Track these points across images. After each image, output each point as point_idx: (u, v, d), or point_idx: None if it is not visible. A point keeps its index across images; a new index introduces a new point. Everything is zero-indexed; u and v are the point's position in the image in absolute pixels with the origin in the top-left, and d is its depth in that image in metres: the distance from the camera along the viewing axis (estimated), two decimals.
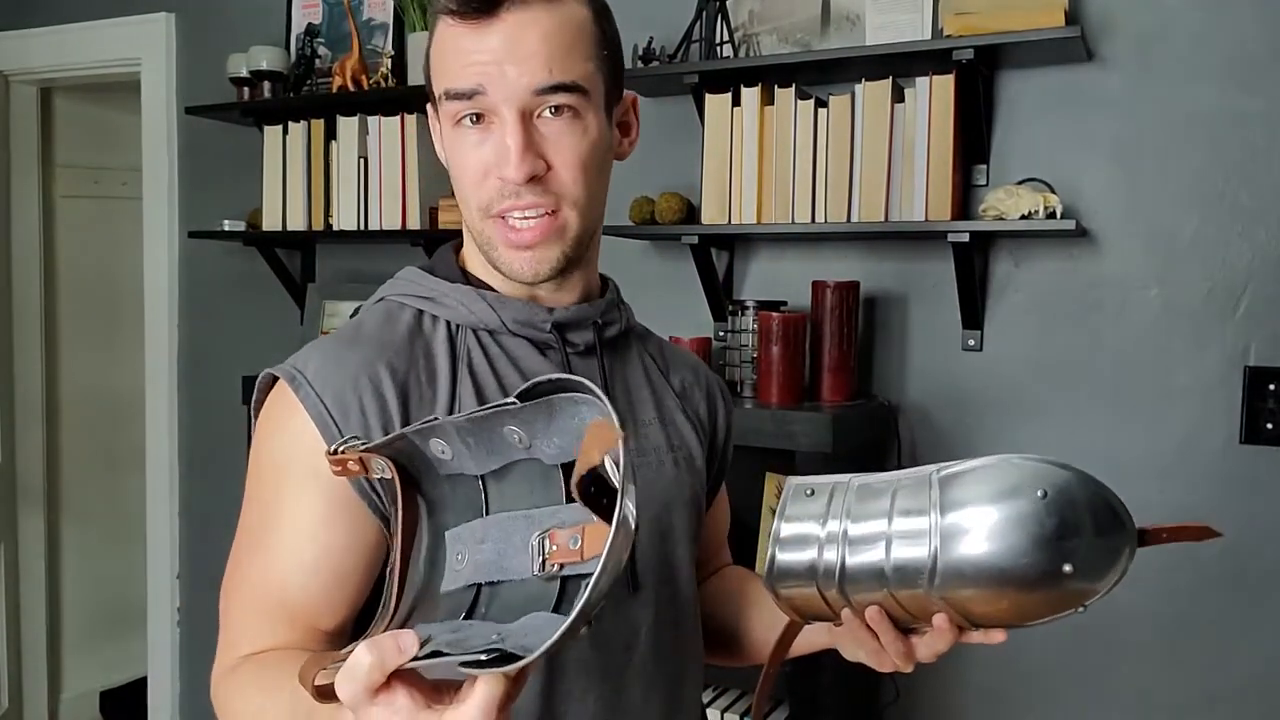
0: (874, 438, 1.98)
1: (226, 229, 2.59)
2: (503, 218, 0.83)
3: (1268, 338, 1.76)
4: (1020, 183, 1.86)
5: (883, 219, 1.88)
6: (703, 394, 1.06)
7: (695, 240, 2.03)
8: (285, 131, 2.50)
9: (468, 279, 0.91)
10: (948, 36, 1.80)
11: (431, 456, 0.69)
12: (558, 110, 0.82)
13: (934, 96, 1.82)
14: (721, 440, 1.08)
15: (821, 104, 1.93)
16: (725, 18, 2.03)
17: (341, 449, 0.68)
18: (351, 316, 0.93)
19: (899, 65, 1.88)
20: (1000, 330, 1.95)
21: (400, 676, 0.55)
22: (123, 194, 3.49)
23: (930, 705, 2.04)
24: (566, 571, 0.62)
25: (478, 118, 0.82)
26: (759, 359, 1.91)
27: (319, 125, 2.46)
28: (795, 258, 2.13)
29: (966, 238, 1.79)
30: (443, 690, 0.56)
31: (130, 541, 3.41)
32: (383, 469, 0.68)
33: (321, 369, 0.82)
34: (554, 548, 0.62)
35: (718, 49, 2.04)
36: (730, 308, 2.02)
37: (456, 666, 0.53)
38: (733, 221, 2.00)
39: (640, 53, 2.07)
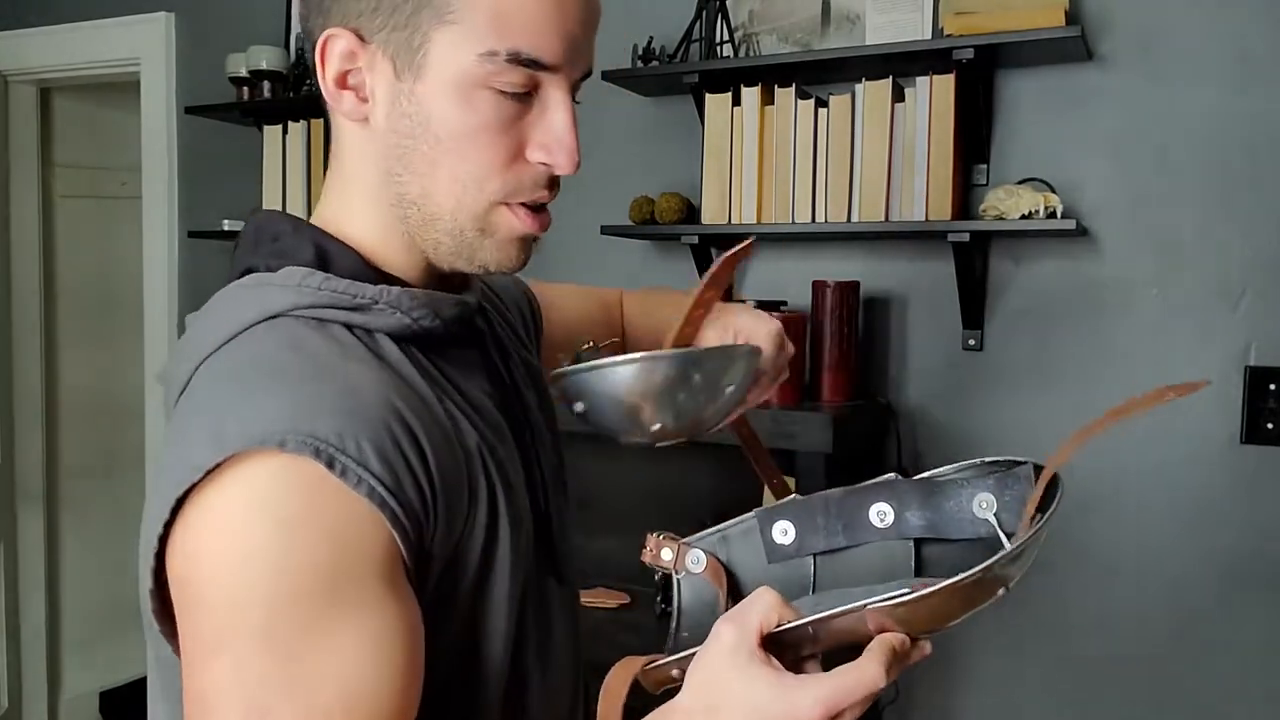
0: (874, 438, 1.98)
1: (226, 229, 2.59)
2: (518, 205, 0.70)
3: (1268, 338, 1.76)
4: (1020, 182, 1.86)
5: (883, 219, 1.88)
6: (519, 309, 0.95)
7: (695, 240, 2.03)
8: (285, 131, 2.50)
9: (377, 274, 0.71)
10: (948, 36, 1.80)
11: (766, 541, 0.72)
12: (573, 96, 0.71)
13: (934, 96, 1.82)
14: (535, 314, 0.99)
15: (821, 104, 1.93)
16: (725, 17, 2.03)
17: (660, 536, 0.72)
18: (218, 351, 0.66)
19: (899, 65, 1.88)
20: (1000, 330, 1.95)
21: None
22: (122, 194, 3.48)
23: (930, 705, 2.04)
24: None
25: (527, 93, 0.67)
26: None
27: (319, 125, 2.46)
28: (795, 258, 2.12)
29: (967, 237, 1.79)
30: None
31: (130, 542, 3.41)
32: (700, 563, 0.72)
33: (337, 421, 0.59)
34: (914, 583, 0.63)
35: (718, 49, 2.03)
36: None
37: (870, 603, 0.59)
38: (733, 221, 2.00)
39: (640, 53, 2.07)
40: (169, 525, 0.59)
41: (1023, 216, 1.75)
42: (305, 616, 0.56)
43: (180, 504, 0.58)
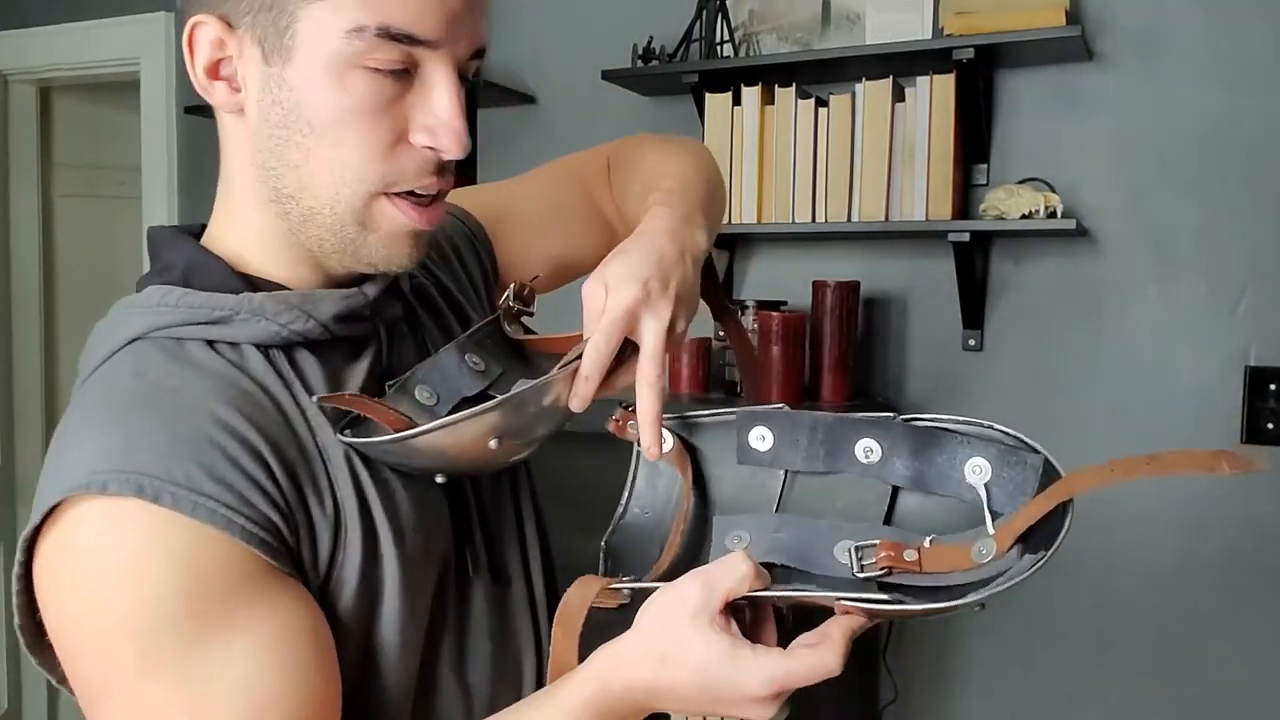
0: None
1: None
2: (402, 195, 0.65)
3: (1268, 338, 1.76)
4: (1020, 182, 1.86)
5: (883, 218, 1.88)
6: (470, 252, 0.88)
7: None
8: None
9: (248, 282, 0.68)
10: (948, 36, 1.80)
11: (741, 441, 0.70)
12: (465, 76, 0.66)
13: (934, 96, 1.82)
14: (493, 267, 0.90)
15: (822, 103, 1.93)
16: (725, 17, 2.03)
17: (630, 408, 0.69)
18: (86, 381, 0.65)
19: (899, 65, 1.88)
20: (1000, 330, 1.95)
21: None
22: (122, 193, 3.48)
23: (929, 705, 2.04)
24: (894, 579, 0.62)
25: (404, 71, 0.62)
26: (759, 359, 1.91)
27: None
28: (795, 257, 2.12)
29: (967, 237, 1.79)
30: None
31: None
32: (667, 443, 0.69)
33: (159, 452, 0.57)
34: (882, 554, 0.61)
35: (718, 48, 2.03)
36: (730, 307, 2.02)
37: (840, 597, 0.58)
38: (733, 221, 2.00)
39: (640, 52, 2.07)
40: (27, 565, 0.60)
41: (1023, 216, 1.75)
42: (181, 642, 0.56)
43: (35, 541, 0.60)
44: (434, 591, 0.71)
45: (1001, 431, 0.64)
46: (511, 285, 0.77)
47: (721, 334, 2.14)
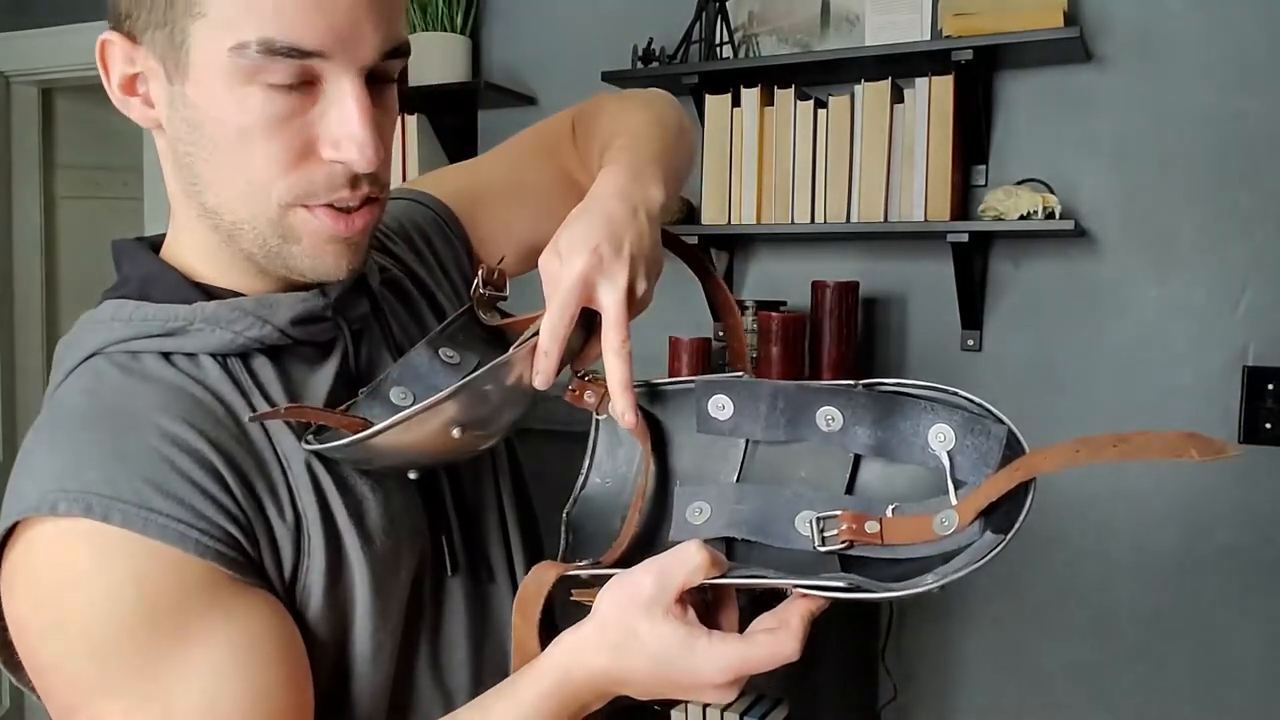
0: None
1: None
2: (320, 206, 0.63)
3: (1268, 338, 1.77)
4: (1019, 183, 1.86)
5: (882, 219, 1.88)
6: (441, 239, 0.86)
7: (695, 240, 2.04)
8: None
9: (204, 291, 0.67)
10: (947, 37, 1.80)
11: (700, 410, 0.69)
12: (384, 78, 0.64)
13: (933, 97, 1.82)
14: (467, 251, 0.89)
15: (821, 104, 1.94)
16: (725, 18, 2.03)
17: (586, 377, 0.68)
18: (50, 400, 0.65)
19: (898, 66, 1.88)
20: (999, 330, 1.96)
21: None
22: (124, 194, 3.49)
23: (929, 705, 2.04)
24: (855, 551, 0.61)
25: (304, 84, 0.59)
26: (759, 359, 1.92)
27: None
28: (795, 258, 2.13)
29: (966, 238, 1.79)
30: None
31: None
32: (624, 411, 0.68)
33: (107, 470, 0.57)
34: (844, 526, 0.61)
35: (717, 49, 2.04)
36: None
37: (803, 589, 0.57)
38: (732, 221, 2.00)
39: (640, 53, 2.07)
40: None
41: (1021, 217, 1.75)
42: (139, 660, 0.56)
43: None
44: (410, 593, 0.70)
45: (965, 398, 0.63)
46: (480, 270, 0.75)
47: (721, 334, 2.15)
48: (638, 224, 0.69)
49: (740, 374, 0.70)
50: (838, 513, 0.62)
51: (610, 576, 0.60)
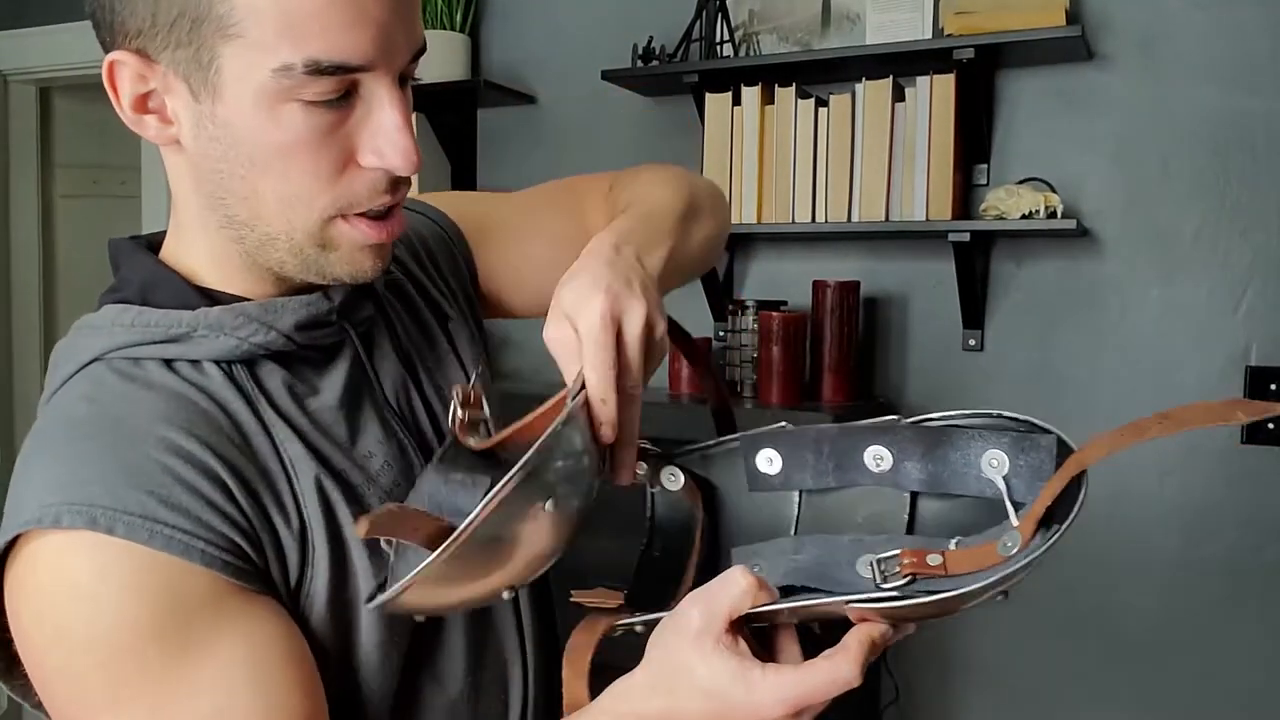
0: None
1: None
2: (357, 216, 0.63)
3: (1268, 338, 1.76)
4: (1021, 182, 1.86)
5: (883, 218, 1.88)
6: (444, 253, 0.85)
7: None
8: None
9: (206, 296, 0.66)
10: (948, 36, 1.80)
11: (750, 468, 0.67)
12: (407, 79, 0.63)
13: (934, 96, 1.82)
14: (471, 273, 0.88)
15: (822, 103, 1.93)
16: (725, 17, 2.03)
17: (651, 453, 0.65)
18: (47, 406, 0.65)
19: (899, 65, 1.88)
20: (1001, 330, 1.95)
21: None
22: (122, 193, 3.48)
23: (930, 705, 2.04)
24: (917, 586, 0.58)
25: (343, 96, 0.59)
26: (759, 359, 1.91)
27: None
28: (795, 257, 2.12)
29: (967, 237, 1.79)
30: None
31: None
32: (677, 480, 0.66)
33: (109, 482, 0.56)
34: (906, 562, 0.58)
35: (718, 48, 2.03)
36: (730, 307, 2.02)
37: (846, 602, 0.54)
38: (733, 221, 2.00)
39: (640, 52, 2.07)
40: None
41: (1023, 216, 1.75)
42: (148, 672, 0.55)
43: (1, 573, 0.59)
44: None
45: (1010, 419, 0.62)
46: (454, 394, 0.69)
47: (722, 334, 2.14)
48: (641, 270, 0.66)
49: (782, 424, 0.69)
50: (898, 552, 0.59)
51: (658, 620, 0.58)
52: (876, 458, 0.65)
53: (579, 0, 2.29)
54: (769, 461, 0.67)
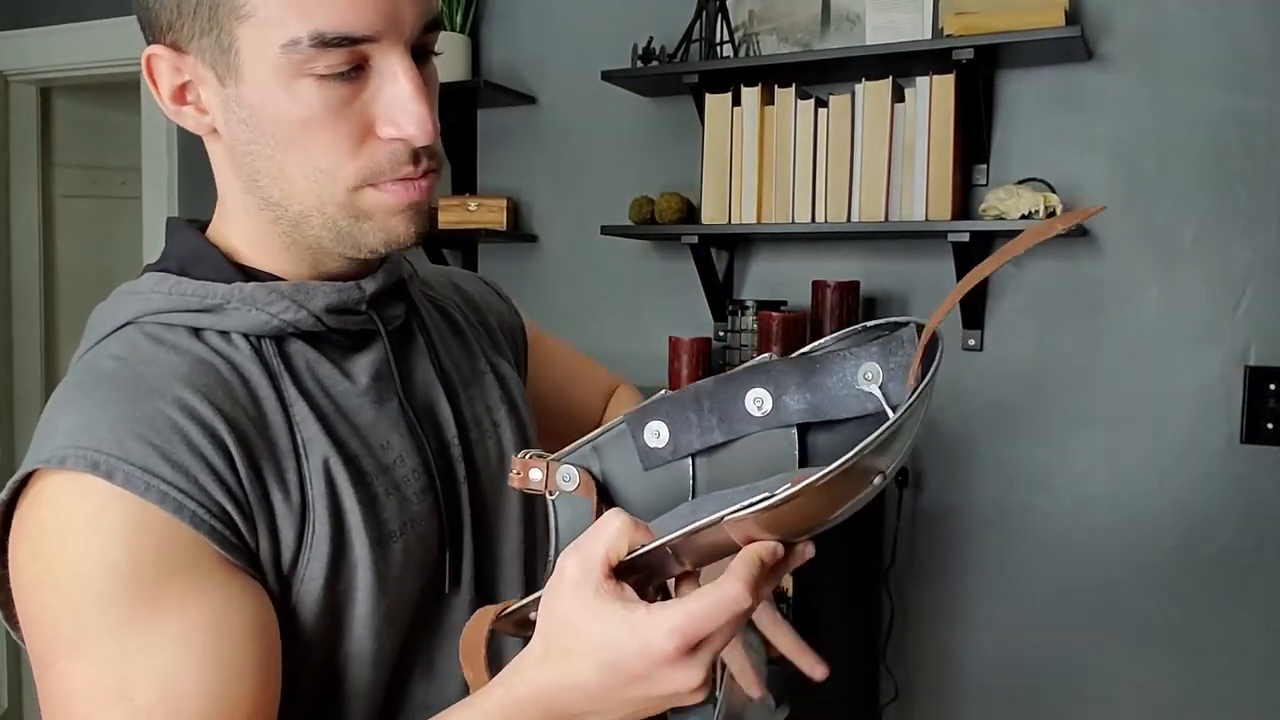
0: None
1: None
2: (387, 181, 0.65)
3: (1268, 338, 1.76)
4: (1020, 182, 1.86)
5: (883, 219, 1.88)
6: (505, 334, 0.90)
7: (695, 240, 2.03)
8: None
9: (244, 273, 0.68)
10: (948, 36, 1.80)
11: (640, 446, 0.65)
12: (425, 51, 0.65)
13: (934, 96, 1.82)
14: (523, 344, 0.93)
15: (821, 104, 1.93)
16: (725, 17, 2.03)
17: (527, 456, 0.64)
18: (78, 363, 0.66)
19: (899, 65, 1.88)
20: (1000, 330, 1.95)
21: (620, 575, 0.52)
22: (122, 194, 3.48)
23: (929, 704, 2.04)
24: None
25: (355, 69, 0.61)
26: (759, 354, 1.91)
27: None
28: (795, 258, 2.13)
29: (967, 237, 1.79)
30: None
31: None
32: (572, 479, 0.64)
33: (118, 431, 0.58)
34: (793, 480, 0.53)
35: (718, 49, 2.03)
36: (730, 308, 2.02)
37: (731, 510, 0.49)
38: (733, 221, 2.00)
39: (640, 53, 2.07)
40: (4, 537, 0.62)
41: (1023, 216, 1.75)
42: (110, 622, 0.56)
43: (12, 515, 0.61)
44: (418, 601, 0.69)
45: (870, 326, 0.61)
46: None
47: (722, 334, 2.15)
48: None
49: (661, 393, 0.67)
50: (788, 483, 0.55)
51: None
52: (757, 400, 0.64)
53: (579, 1, 2.29)
54: (656, 435, 0.65)
